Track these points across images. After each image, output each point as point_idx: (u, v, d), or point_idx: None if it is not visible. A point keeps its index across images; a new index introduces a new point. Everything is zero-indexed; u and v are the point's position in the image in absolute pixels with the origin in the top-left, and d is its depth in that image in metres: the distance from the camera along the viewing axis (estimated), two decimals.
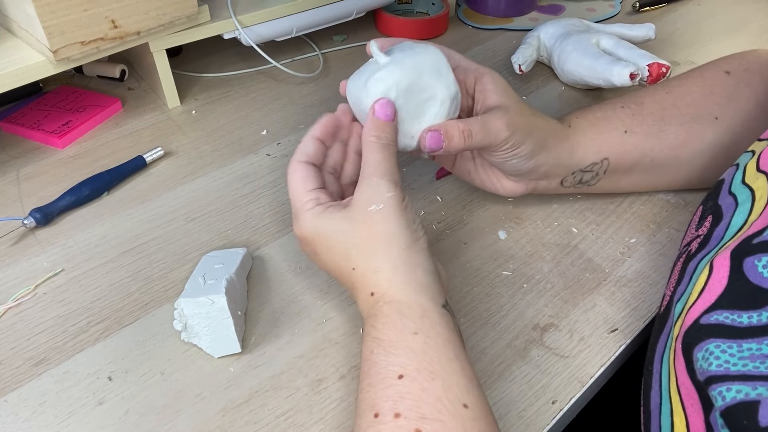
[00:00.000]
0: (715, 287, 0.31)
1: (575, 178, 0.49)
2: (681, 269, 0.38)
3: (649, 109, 0.49)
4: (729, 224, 0.36)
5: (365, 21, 0.79)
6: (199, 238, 0.50)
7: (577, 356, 0.42)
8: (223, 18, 0.63)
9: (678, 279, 0.38)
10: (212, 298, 0.40)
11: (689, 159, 0.49)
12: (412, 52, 0.42)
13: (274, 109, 0.65)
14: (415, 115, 0.42)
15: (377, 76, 0.41)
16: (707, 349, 0.29)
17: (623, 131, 0.48)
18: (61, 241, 0.50)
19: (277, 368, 0.41)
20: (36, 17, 0.50)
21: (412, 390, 0.32)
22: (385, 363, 0.34)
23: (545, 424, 0.38)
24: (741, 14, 0.83)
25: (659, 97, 0.50)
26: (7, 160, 0.59)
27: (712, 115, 0.49)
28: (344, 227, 0.38)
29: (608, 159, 0.48)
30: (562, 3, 0.86)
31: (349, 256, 0.38)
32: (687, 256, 0.38)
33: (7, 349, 0.42)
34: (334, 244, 0.39)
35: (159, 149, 0.58)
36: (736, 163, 0.40)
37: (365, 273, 0.38)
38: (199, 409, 0.39)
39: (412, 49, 0.42)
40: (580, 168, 0.48)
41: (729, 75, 0.50)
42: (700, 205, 0.42)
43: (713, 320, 0.30)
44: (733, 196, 0.37)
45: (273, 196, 0.54)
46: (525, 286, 0.46)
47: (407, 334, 0.35)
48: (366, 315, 0.38)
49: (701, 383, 0.29)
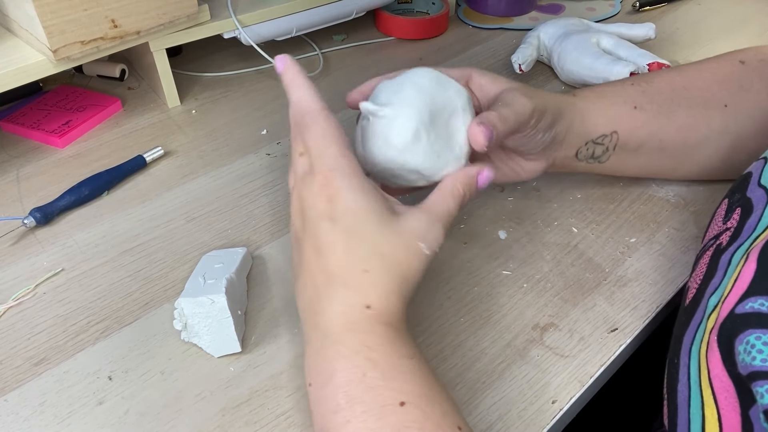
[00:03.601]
0: (746, 275, 0.31)
1: (588, 151, 0.47)
2: (710, 262, 0.37)
3: (659, 88, 0.49)
4: (762, 216, 0.35)
5: (365, 20, 0.79)
6: (199, 237, 0.50)
7: (577, 356, 0.42)
8: (223, 17, 0.63)
9: (707, 272, 0.37)
10: (212, 298, 0.40)
11: (695, 145, 0.49)
12: (402, 83, 0.39)
13: (274, 109, 0.65)
14: (449, 135, 0.40)
15: (397, 128, 0.38)
16: (748, 341, 0.29)
17: (633, 107, 0.47)
18: (61, 240, 0.50)
19: (277, 368, 0.41)
20: (36, 17, 0.50)
21: (416, 417, 0.31)
22: (383, 388, 0.31)
23: (545, 424, 0.38)
24: (741, 14, 0.83)
25: (670, 79, 0.50)
26: (7, 159, 0.59)
27: (722, 102, 0.49)
28: (393, 230, 0.35)
29: (617, 133, 0.47)
30: (562, 2, 0.86)
31: (371, 257, 0.34)
32: (716, 249, 0.38)
33: (8, 349, 0.42)
34: (369, 236, 0.34)
35: (159, 149, 0.58)
36: (763, 157, 0.40)
37: (375, 283, 0.34)
38: (199, 409, 0.39)
39: (398, 80, 0.40)
40: (591, 139, 0.47)
41: (743, 65, 0.50)
42: (724, 199, 0.42)
43: (748, 308, 0.30)
44: (764, 188, 0.37)
45: (273, 196, 0.54)
46: (525, 286, 0.46)
47: (405, 359, 0.33)
48: (347, 327, 0.33)
49: (743, 377, 0.29)
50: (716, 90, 0.49)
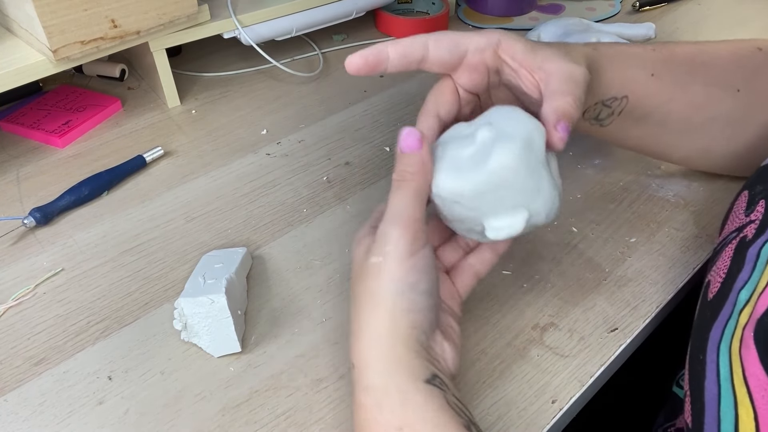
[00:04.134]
0: None
1: (595, 111, 0.45)
2: (734, 256, 0.36)
3: (680, 59, 0.47)
4: None
5: (365, 20, 0.79)
6: (198, 237, 0.50)
7: (577, 356, 0.42)
8: (223, 17, 0.63)
9: (732, 266, 0.36)
10: (212, 298, 0.40)
11: (699, 124, 0.48)
12: (488, 117, 0.36)
13: (274, 109, 0.65)
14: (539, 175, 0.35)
15: (499, 148, 0.34)
16: None
17: (650, 73, 0.46)
18: (61, 240, 0.50)
19: (277, 368, 0.41)
20: (36, 17, 0.50)
21: None
22: None
23: (545, 424, 0.38)
24: (741, 14, 0.83)
25: (691, 53, 0.48)
26: (7, 159, 0.59)
27: (735, 87, 0.48)
28: (353, 273, 0.35)
29: (628, 97, 0.45)
30: (562, 2, 0.86)
31: (353, 308, 0.35)
32: (741, 242, 0.37)
33: (7, 349, 0.42)
34: (352, 289, 0.36)
35: (159, 149, 0.58)
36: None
37: (353, 334, 0.35)
38: (199, 409, 0.39)
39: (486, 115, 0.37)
40: (602, 99, 0.45)
41: (761, 51, 0.49)
42: (742, 191, 0.41)
43: None
44: None
45: (273, 196, 0.54)
46: (525, 286, 0.46)
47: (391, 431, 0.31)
48: (354, 385, 0.34)
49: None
50: (732, 72, 0.48)
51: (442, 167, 0.35)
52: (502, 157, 0.34)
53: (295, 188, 0.55)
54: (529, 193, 0.35)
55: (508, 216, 0.35)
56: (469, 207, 0.35)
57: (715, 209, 0.53)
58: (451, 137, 0.37)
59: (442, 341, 0.36)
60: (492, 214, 0.35)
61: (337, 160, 0.58)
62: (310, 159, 0.58)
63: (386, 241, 0.34)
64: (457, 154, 0.35)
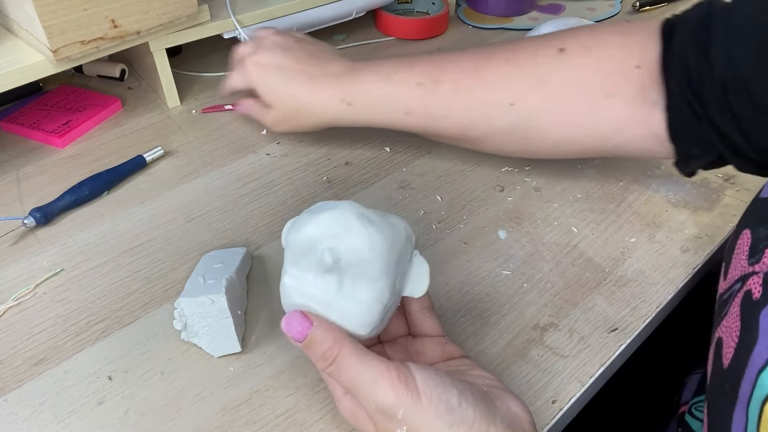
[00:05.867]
0: None
1: None
2: (743, 316, 0.31)
3: (441, 92, 0.48)
4: None
5: (365, 20, 0.79)
6: (198, 237, 0.50)
7: (577, 356, 0.42)
8: (223, 17, 0.63)
9: (744, 331, 0.30)
10: (212, 298, 0.40)
11: (476, 138, 0.50)
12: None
13: None
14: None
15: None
16: None
17: (404, 113, 0.49)
18: (61, 240, 0.50)
19: (277, 368, 0.41)
20: (36, 17, 0.50)
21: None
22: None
23: (545, 424, 0.38)
24: None
25: (456, 78, 0.48)
26: (7, 159, 0.59)
27: (507, 102, 0.47)
28: None
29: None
30: (562, 2, 0.86)
31: None
32: (746, 298, 0.31)
33: (7, 349, 0.42)
34: None
35: (159, 149, 0.58)
36: None
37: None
38: (199, 409, 0.39)
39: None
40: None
41: (562, 53, 0.46)
42: (744, 229, 0.34)
43: None
44: None
45: (273, 196, 0.54)
46: (525, 286, 0.46)
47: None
48: None
49: None
50: (502, 90, 0.47)
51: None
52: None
53: (295, 188, 0.55)
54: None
55: None
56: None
57: (715, 209, 0.53)
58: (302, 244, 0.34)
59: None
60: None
61: (337, 160, 0.58)
62: (310, 159, 0.58)
63: (390, 411, 0.30)
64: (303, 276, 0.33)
